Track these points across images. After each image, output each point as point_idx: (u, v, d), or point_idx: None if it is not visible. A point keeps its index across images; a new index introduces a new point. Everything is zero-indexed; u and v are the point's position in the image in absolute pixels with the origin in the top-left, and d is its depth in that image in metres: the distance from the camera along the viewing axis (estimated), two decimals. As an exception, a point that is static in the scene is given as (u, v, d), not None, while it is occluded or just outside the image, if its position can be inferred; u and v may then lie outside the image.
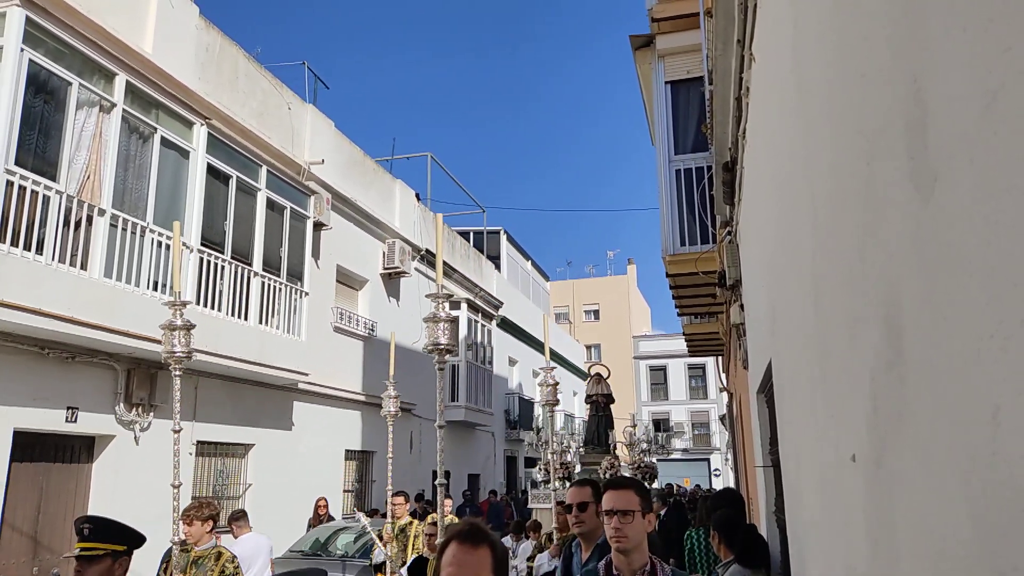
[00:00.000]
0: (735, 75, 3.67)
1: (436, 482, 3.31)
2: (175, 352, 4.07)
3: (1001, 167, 0.72)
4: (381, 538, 6.98)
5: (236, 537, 7.19)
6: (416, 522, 7.62)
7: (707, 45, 5.06)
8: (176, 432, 4.02)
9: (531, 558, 6.71)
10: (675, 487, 22.76)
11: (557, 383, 5.70)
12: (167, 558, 4.66)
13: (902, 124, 1.00)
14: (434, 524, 5.83)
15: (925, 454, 0.98)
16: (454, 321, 3.42)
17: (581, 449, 12.54)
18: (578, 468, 11.51)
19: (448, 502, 10.31)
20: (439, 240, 3.44)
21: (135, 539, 3.33)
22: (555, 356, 28.99)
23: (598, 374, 12.58)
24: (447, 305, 3.54)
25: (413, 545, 7.14)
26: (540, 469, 11.78)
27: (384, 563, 6.74)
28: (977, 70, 0.76)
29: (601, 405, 12.21)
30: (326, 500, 11.26)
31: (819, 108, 1.63)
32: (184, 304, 4.15)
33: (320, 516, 11.09)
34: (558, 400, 5.81)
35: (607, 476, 9.75)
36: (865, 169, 1.21)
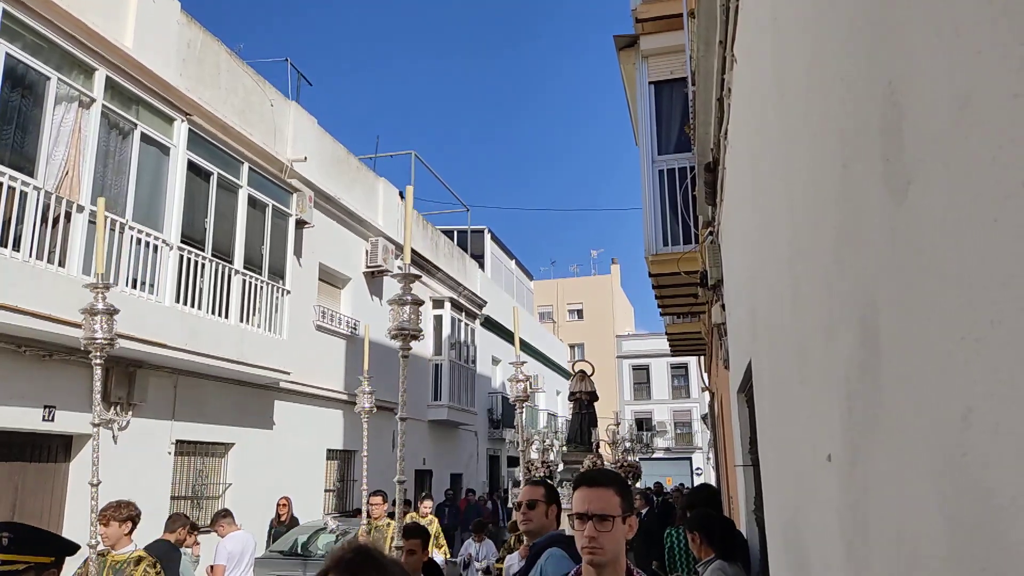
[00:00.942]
0: (717, 76, 3.69)
1: (395, 479, 3.02)
2: (96, 339, 3.68)
3: (973, 170, 0.72)
4: None
5: (222, 535, 7.13)
6: (393, 523, 7.56)
7: (690, 46, 5.08)
8: (96, 426, 3.72)
9: (500, 560, 6.63)
10: (663, 487, 22.71)
11: (529, 378, 5.56)
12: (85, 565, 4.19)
13: (877, 127, 1.01)
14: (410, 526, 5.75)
15: (898, 455, 0.99)
16: (420, 304, 3.13)
17: (564, 448, 12.28)
18: (560, 467, 11.41)
19: (428, 503, 9.93)
20: (408, 211, 3.16)
21: (64, 549, 2.98)
22: (538, 355, 29.01)
23: (582, 371, 12.20)
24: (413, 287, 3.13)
25: (390, 547, 7.09)
26: (522, 468, 11.54)
27: None
28: (950, 74, 0.77)
29: (584, 403, 11.80)
30: (288, 500, 10.72)
31: (798, 110, 1.64)
32: (107, 286, 3.78)
33: (281, 517, 10.48)
34: (527, 396, 5.73)
35: None
36: (841, 171, 1.22)
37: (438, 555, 8.55)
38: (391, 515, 8.68)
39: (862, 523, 1.20)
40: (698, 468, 38.24)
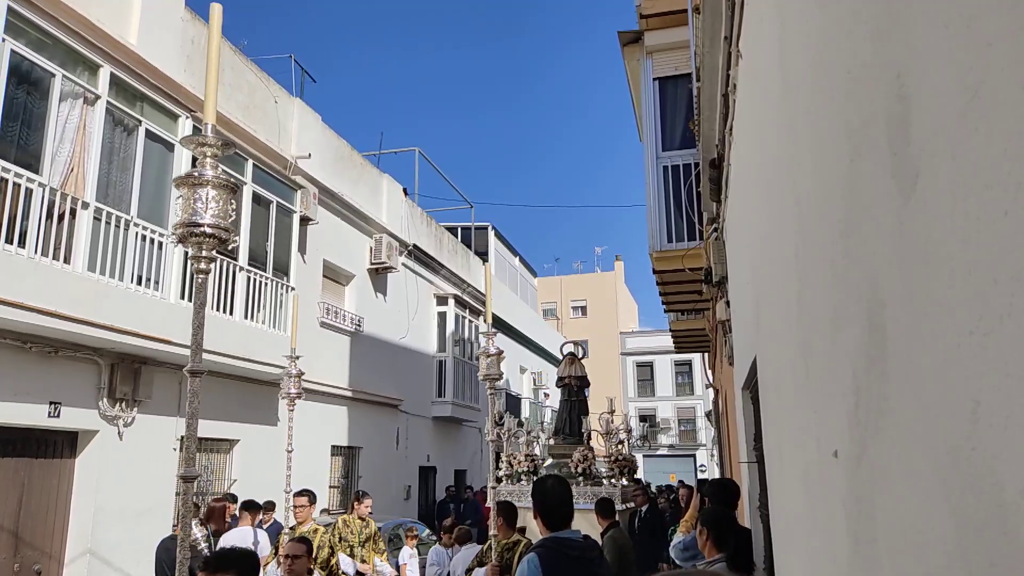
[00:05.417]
0: (722, 72, 3.68)
1: (178, 474, 1.93)
2: None
3: (982, 163, 0.72)
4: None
5: (239, 524, 7.17)
6: (322, 529, 6.67)
7: (695, 41, 5.07)
8: None
9: (470, 570, 5.73)
10: (650, 484, 21.80)
11: (501, 351, 5.06)
12: None
13: (884, 120, 1.00)
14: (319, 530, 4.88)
15: (906, 450, 0.98)
16: (232, 190, 1.99)
17: (550, 440, 10.97)
18: (548, 461, 10.48)
19: (367, 502, 7.84)
20: (215, 33, 2.19)
21: None
22: (541, 351, 29.01)
23: (571, 354, 10.99)
24: (215, 162, 2.06)
25: (317, 556, 5.97)
26: (504, 463, 9.88)
27: None
28: (959, 66, 0.76)
29: (574, 389, 10.64)
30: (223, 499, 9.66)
31: (803, 104, 1.63)
32: None
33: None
34: (501, 374, 5.10)
35: (579, 470, 9.30)
36: (848, 165, 1.21)
37: (378, 560, 7.45)
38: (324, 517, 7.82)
39: (868, 519, 1.20)
40: (702, 465, 38.22)
